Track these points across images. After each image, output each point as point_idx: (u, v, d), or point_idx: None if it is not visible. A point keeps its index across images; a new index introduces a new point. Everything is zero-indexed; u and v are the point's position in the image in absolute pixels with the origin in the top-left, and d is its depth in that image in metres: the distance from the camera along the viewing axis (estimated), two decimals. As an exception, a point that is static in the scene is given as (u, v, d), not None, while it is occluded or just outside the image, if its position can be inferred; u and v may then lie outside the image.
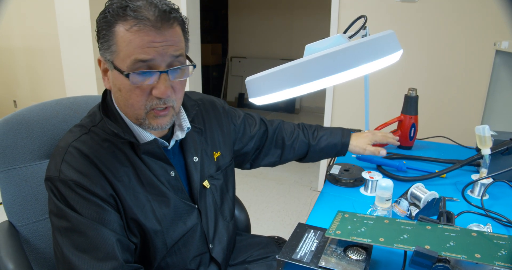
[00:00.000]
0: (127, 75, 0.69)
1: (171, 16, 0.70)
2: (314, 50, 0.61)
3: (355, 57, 0.55)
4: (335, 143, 1.12)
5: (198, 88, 3.25)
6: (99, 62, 0.76)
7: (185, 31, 0.76)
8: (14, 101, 4.15)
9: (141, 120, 0.75)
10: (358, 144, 1.13)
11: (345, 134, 1.13)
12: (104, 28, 0.70)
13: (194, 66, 0.76)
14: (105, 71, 0.76)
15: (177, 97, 0.77)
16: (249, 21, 5.72)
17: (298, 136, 1.13)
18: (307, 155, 1.15)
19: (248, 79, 0.64)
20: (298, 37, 5.40)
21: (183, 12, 2.86)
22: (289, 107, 5.57)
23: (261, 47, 5.71)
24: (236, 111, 1.08)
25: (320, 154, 1.14)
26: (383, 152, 1.09)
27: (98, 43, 0.74)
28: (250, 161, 1.12)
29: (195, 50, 3.09)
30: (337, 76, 0.57)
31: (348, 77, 0.63)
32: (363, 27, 0.69)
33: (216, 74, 5.89)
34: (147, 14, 0.68)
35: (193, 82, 3.10)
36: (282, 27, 5.48)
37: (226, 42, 6.05)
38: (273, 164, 1.15)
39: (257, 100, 0.64)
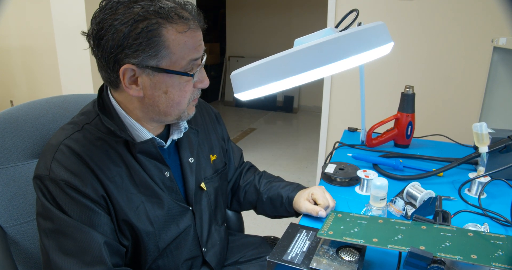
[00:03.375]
0: (192, 75, 0.72)
1: (199, 13, 0.73)
2: (302, 43, 0.60)
3: (343, 48, 0.53)
4: (282, 195, 1.00)
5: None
6: (124, 73, 0.69)
7: None
8: (11, 101, 4.13)
9: (182, 114, 0.77)
10: (297, 200, 0.97)
11: (296, 189, 1.01)
12: (148, 36, 0.66)
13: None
14: (132, 80, 0.71)
15: None
16: (247, 20, 5.70)
17: (253, 181, 1.08)
18: (257, 203, 1.06)
19: (233, 73, 0.62)
20: (296, 36, 5.29)
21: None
22: (288, 106, 5.55)
23: (259, 46, 5.69)
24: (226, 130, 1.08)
25: (269, 205, 1.04)
26: (322, 213, 0.89)
27: (131, 53, 0.67)
28: None
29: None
30: (325, 68, 0.55)
31: (337, 69, 0.61)
32: (356, 21, 0.67)
33: (214, 74, 5.88)
34: (187, 15, 0.69)
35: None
36: (280, 26, 5.46)
37: (224, 41, 6.04)
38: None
39: (242, 95, 0.62)
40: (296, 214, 1.00)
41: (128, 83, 0.70)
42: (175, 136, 0.84)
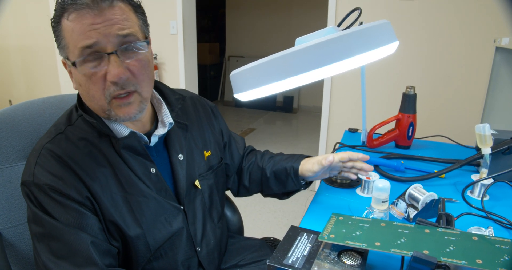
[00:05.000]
0: (74, 64, 0.67)
1: None
2: (304, 42, 0.58)
3: (347, 47, 0.51)
4: (285, 167, 0.98)
5: (194, 88, 3.22)
6: (64, 64, 0.73)
7: (138, 12, 0.72)
8: (10, 101, 4.12)
9: (107, 112, 0.71)
10: (304, 164, 0.96)
11: (300, 158, 0.99)
12: (54, 26, 0.68)
13: (148, 42, 0.72)
14: (70, 72, 0.72)
15: (139, 80, 0.71)
16: (247, 20, 5.69)
17: (255, 160, 1.05)
18: (262, 181, 1.03)
19: (232, 73, 0.60)
20: (296, 36, 5.26)
21: (179, 11, 2.84)
22: (287, 106, 5.54)
23: (258, 46, 5.68)
24: (225, 124, 1.05)
25: (274, 180, 1.01)
26: (330, 158, 0.89)
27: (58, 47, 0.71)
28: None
29: (191, 49, 3.06)
30: (328, 68, 0.53)
31: (340, 69, 0.60)
32: (358, 20, 0.66)
33: (213, 74, 5.86)
34: (85, 0, 0.64)
35: (189, 81, 3.07)
36: (280, 26, 5.45)
37: (223, 41, 6.03)
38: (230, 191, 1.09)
39: (242, 95, 0.61)
40: (305, 185, 0.99)
41: (70, 76, 0.73)
42: (159, 132, 0.81)
